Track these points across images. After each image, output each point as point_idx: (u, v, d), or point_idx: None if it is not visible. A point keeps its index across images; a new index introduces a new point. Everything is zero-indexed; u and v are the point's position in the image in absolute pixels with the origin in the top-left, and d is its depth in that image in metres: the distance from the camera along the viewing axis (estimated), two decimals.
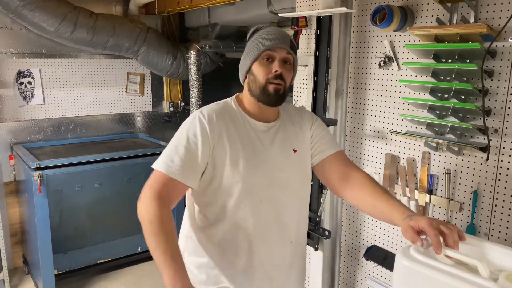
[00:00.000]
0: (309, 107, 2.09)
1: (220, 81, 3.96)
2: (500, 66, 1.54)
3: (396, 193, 1.93)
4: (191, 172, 1.29)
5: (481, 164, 1.62)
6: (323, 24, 1.97)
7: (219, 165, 1.31)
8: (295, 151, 1.42)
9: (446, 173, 1.72)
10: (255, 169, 1.34)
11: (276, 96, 1.33)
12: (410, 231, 1.11)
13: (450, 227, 1.07)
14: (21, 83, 3.49)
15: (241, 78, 1.42)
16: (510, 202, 1.56)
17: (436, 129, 1.72)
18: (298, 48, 1.37)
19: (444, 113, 1.69)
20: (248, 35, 1.41)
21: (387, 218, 1.26)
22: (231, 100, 1.43)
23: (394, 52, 1.87)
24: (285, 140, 1.42)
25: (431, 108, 1.70)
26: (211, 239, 1.38)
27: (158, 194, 1.25)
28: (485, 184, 1.62)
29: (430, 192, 1.79)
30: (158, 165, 1.29)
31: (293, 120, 1.48)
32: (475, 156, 1.64)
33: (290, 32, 3.31)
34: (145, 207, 1.24)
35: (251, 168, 1.33)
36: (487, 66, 1.56)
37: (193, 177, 1.30)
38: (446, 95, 1.67)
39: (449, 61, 1.63)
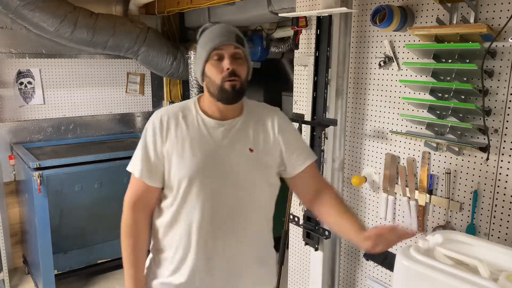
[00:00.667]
0: (309, 107, 2.09)
1: None
2: (500, 66, 1.54)
3: (396, 193, 1.93)
4: (151, 173, 1.38)
5: (481, 164, 1.62)
6: (323, 24, 1.97)
7: (170, 162, 1.37)
8: (251, 150, 1.40)
9: (446, 173, 1.72)
10: (202, 164, 1.35)
11: (233, 92, 1.33)
12: (368, 238, 1.30)
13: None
14: (21, 83, 3.48)
15: (199, 81, 1.43)
16: (510, 202, 1.56)
17: (436, 129, 1.72)
18: (245, 43, 1.40)
19: (444, 113, 1.69)
20: (197, 37, 1.42)
21: (346, 236, 1.46)
22: (191, 100, 1.46)
23: (394, 52, 1.87)
24: (241, 138, 1.41)
25: (431, 108, 1.70)
26: (166, 233, 1.42)
27: (132, 200, 1.40)
28: (485, 184, 1.62)
29: (430, 192, 1.79)
30: (131, 168, 1.41)
31: (260, 120, 1.46)
32: (475, 156, 1.64)
33: (289, 32, 3.32)
34: (123, 213, 1.42)
35: (197, 162, 1.35)
36: (487, 66, 1.56)
37: (154, 178, 1.38)
38: (446, 95, 1.67)
39: (449, 61, 1.63)
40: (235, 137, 1.40)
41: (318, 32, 2.00)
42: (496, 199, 1.59)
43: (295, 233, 2.47)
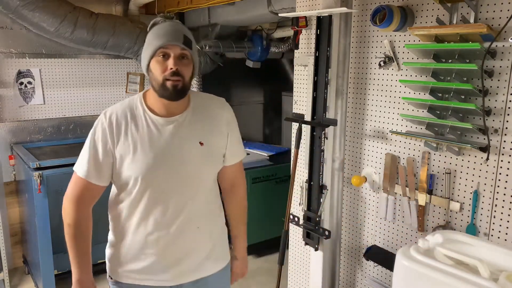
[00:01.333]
0: (309, 107, 2.09)
1: (220, 81, 3.96)
2: (500, 66, 1.54)
3: (396, 193, 1.93)
4: (98, 172, 1.41)
5: (481, 164, 1.62)
6: (323, 24, 1.97)
7: (122, 163, 1.39)
8: (201, 143, 1.45)
9: (446, 173, 1.72)
10: (154, 162, 1.38)
11: (174, 91, 1.36)
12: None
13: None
14: (21, 83, 3.48)
15: (145, 73, 1.45)
16: (510, 202, 1.56)
17: (436, 129, 1.72)
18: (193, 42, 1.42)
19: (444, 113, 1.69)
20: (148, 29, 1.43)
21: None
22: (137, 97, 1.48)
23: (394, 52, 1.87)
24: (190, 133, 1.45)
25: (431, 108, 1.70)
26: (123, 230, 1.48)
27: (76, 198, 1.46)
28: (485, 184, 1.62)
29: (430, 192, 1.79)
30: (75, 166, 1.44)
31: (208, 112, 1.51)
32: (475, 156, 1.64)
33: (289, 32, 3.32)
34: (65, 209, 1.51)
35: (149, 161, 1.38)
36: (487, 66, 1.56)
37: (101, 177, 1.42)
38: (446, 95, 1.67)
39: (449, 61, 1.63)
40: (185, 133, 1.44)
41: (318, 32, 1.99)
42: (496, 199, 1.59)
43: (295, 233, 2.47)
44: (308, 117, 2.13)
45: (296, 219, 2.19)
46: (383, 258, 1.98)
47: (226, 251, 1.65)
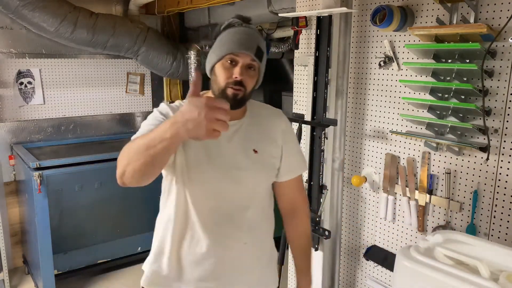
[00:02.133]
0: (309, 107, 2.09)
1: None
2: (500, 66, 1.54)
3: (396, 193, 1.93)
4: None
5: (481, 164, 1.62)
6: (323, 24, 1.97)
7: (177, 158, 1.31)
8: (255, 151, 1.39)
9: (446, 173, 1.72)
10: (208, 165, 1.33)
11: (233, 101, 1.29)
12: None
13: None
14: (21, 83, 3.49)
15: (208, 73, 1.39)
16: (510, 202, 1.56)
17: (436, 129, 1.72)
18: (267, 53, 1.36)
19: (444, 113, 1.69)
20: (221, 28, 1.36)
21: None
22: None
23: (394, 52, 1.87)
24: (245, 139, 1.39)
25: (431, 108, 1.70)
26: (168, 231, 1.38)
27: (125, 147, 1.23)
28: (485, 184, 1.62)
29: (430, 192, 1.79)
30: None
31: (263, 122, 1.45)
32: (475, 156, 1.64)
33: (289, 32, 3.32)
34: (121, 152, 1.22)
35: (204, 163, 1.32)
36: (487, 66, 1.56)
37: None
38: (446, 95, 1.67)
39: (449, 61, 1.63)
40: (240, 139, 1.38)
41: (318, 32, 1.99)
42: (496, 199, 1.59)
43: None
44: (308, 117, 2.13)
45: None
46: (383, 258, 1.98)
47: (275, 280, 1.55)
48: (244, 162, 1.36)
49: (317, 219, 2.07)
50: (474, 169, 1.65)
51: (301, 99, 2.37)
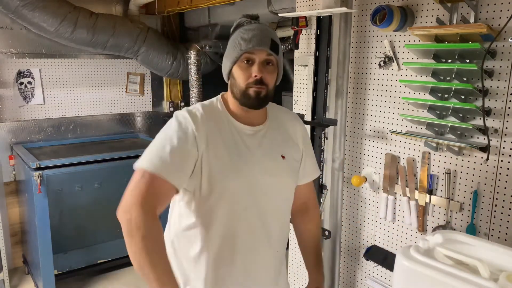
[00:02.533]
0: (309, 107, 2.09)
1: (220, 81, 3.95)
2: (500, 66, 1.54)
3: (396, 193, 1.93)
4: (179, 171, 1.19)
5: (481, 164, 1.62)
6: (323, 24, 1.97)
7: (204, 170, 1.23)
8: (283, 157, 1.37)
9: (446, 173, 1.72)
10: (239, 174, 1.27)
11: (257, 99, 1.26)
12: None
13: None
14: (21, 83, 3.49)
15: (225, 78, 1.36)
16: (510, 202, 1.56)
17: (436, 129, 1.72)
18: (285, 47, 1.35)
19: (444, 113, 1.69)
20: (231, 31, 1.33)
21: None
22: (216, 101, 1.36)
23: (394, 52, 1.87)
24: (273, 145, 1.36)
25: (431, 108, 1.70)
26: (195, 247, 1.30)
27: (142, 199, 1.11)
28: (485, 184, 1.62)
29: (430, 192, 1.79)
30: (142, 163, 1.17)
31: (284, 125, 1.42)
32: (475, 156, 1.64)
33: (289, 32, 3.32)
34: (129, 216, 1.10)
35: (235, 173, 1.26)
36: (487, 66, 1.56)
37: (181, 177, 1.20)
38: (446, 95, 1.67)
39: (449, 61, 1.63)
40: (268, 145, 1.35)
41: (318, 32, 1.99)
42: (496, 199, 1.59)
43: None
44: (308, 117, 2.13)
45: None
46: (383, 258, 1.98)
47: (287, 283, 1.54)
48: (273, 168, 1.34)
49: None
50: (474, 169, 1.65)
51: (301, 99, 2.37)
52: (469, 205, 1.67)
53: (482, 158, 1.61)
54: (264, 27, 1.29)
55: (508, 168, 1.55)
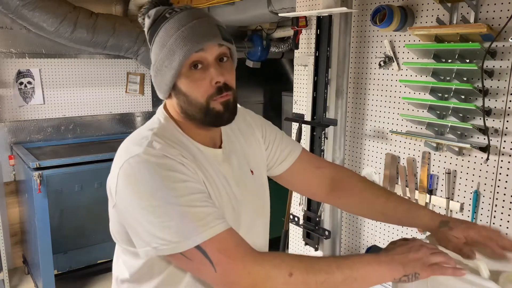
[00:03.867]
0: (309, 107, 2.09)
1: None
2: (500, 66, 1.54)
3: (396, 193, 1.93)
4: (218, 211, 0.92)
5: (481, 164, 1.62)
6: (323, 24, 1.97)
7: None
8: (252, 172, 1.12)
9: (446, 173, 1.72)
10: (237, 220, 1.04)
11: (227, 112, 0.97)
12: (458, 243, 1.03)
13: (496, 235, 1.02)
14: (21, 83, 3.48)
15: (160, 95, 1.02)
16: (510, 202, 1.55)
17: (436, 129, 1.72)
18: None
19: (444, 113, 1.69)
20: (148, 28, 0.97)
21: (406, 224, 1.18)
22: (166, 122, 1.02)
23: (394, 52, 1.87)
24: (240, 162, 1.09)
25: (431, 108, 1.70)
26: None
27: (237, 254, 0.85)
28: (485, 184, 1.62)
29: (430, 192, 1.79)
30: (199, 235, 0.85)
31: (242, 131, 1.15)
32: (475, 156, 1.64)
33: (289, 32, 3.31)
34: (252, 278, 0.83)
35: (233, 222, 0.99)
36: (487, 66, 1.56)
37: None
38: (446, 95, 1.67)
39: (449, 61, 1.63)
40: (238, 165, 1.09)
41: (318, 32, 1.99)
42: (496, 199, 1.59)
43: (295, 233, 2.47)
44: (308, 117, 2.13)
45: (296, 219, 2.19)
46: None
47: None
48: (246, 192, 1.08)
49: (317, 219, 2.07)
50: (474, 169, 1.65)
51: (301, 99, 2.37)
52: (469, 205, 1.67)
53: (482, 158, 1.61)
54: (197, 11, 0.97)
55: (508, 168, 1.55)
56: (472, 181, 1.66)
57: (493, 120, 1.57)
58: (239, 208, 1.04)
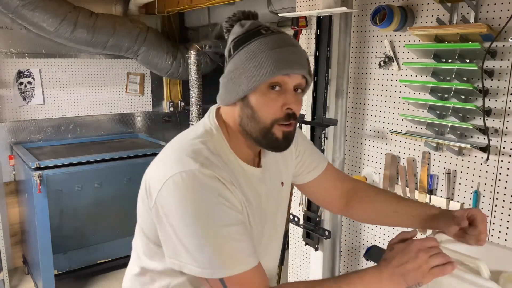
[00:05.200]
0: (309, 107, 2.09)
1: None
2: (500, 66, 1.54)
3: (396, 193, 1.93)
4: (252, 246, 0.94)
5: (481, 164, 1.62)
6: (323, 24, 1.97)
7: None
8: (282, 184, 1.16)
9: (446, 173, 1.72)
10: (261, 231, 1.08)
11: (285, 141, 0.99)
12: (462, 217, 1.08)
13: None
14: (21, 83, 3.49)
15: (224, 101, 1.02)
16: (510, 202, 1.55)
17: (436, 129, 1.72)
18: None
19: (444, 113, 1.69)
20: (240, 38, 1.01)
21: (416, 220, 1.21)
22: (217, 132, 1.02)
23: (394, 52, 1.87)
24: (274, 177, 1.13)
25: (431, 108, 1.70)
26: None
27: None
28: (485, 184, 1.62)
29: (430, 192, 1.79)
30: (229, 269, 0.89)
31: None
32: (475, 156, 1.64)
33: (290, 32, 3.31)
34: None
35: (258, 232, 1.06)
36: (487, 66, 1.56)
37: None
38: (446, 95, 1.67)
39: (449, 61, 1.63)
40: (271, 179, 1.12)
41: (318, 32, 1.99)
42: (496, 199, 1.59)
43: (295, 233, 2.47)
44: (308, 117, 2.13)
45: (296, 219, 2.19)
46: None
47: None
48: (277, 203, 1.14)
49: (317, 219, 2.07)
50: (474, 169, 1.65)
51: None
52: (469, 205, 1.67)
53: (482, 158, 1.61)
54: (292, 39, 1.00)
55: (508, 168, 1.55)
56: (472, 181, 1.66)
57: (493, 120, 1.57)
58: (265, 219, 1.07)
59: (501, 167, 1.57)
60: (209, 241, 0.88)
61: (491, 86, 1.57)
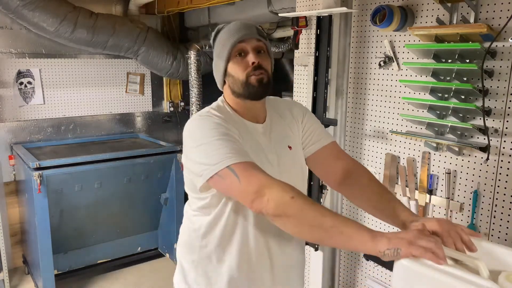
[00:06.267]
0: (309, 107, 2.09)
1: None
2: (500, 66, 1.54)
3: (396, 193, 1.93)
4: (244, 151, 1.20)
5: (481, 164, 1.62)
6: (323, 24, 1.97)
7: None
8: (290, 148, 1.37)
9: (446, 173, 1.72)
10: None
11: (261, 86, 1.26)
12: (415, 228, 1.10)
13: (458, 231, 1.07)
14: (21, 83, 3.48)
15: (219, 85, 1.35)
16: (510, 202, 1.56)
17: (436, 129, 1.72)
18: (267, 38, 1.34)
19: (444, 113, 1.69)
20: (212, 39, 1.36)
21: (389, 221, 1.25)
22: (222, 103, 1.35)
23: (394, 52, 1.87)
24: (280, 138, 1.37)
25: (431, 108, 1.70)
26: (218, 241, 1.31)
27: (260, 177, 1.11)
28: (485, 184, 1.62)
29: (430, 192, 1.79)
30: (220, 163, 1.13)
31: (283, 115, 1.42)
32: (475, 156, 1.64)
33: (289, 32, 3.32)
34: (267, 198, 1.07)
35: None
36: (487, 66, 1.56)
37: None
38: (446, 95, 1.67)
39: (449, 61, 1.63)
40: (277, 139, 1.35)
41: (318, 32, 1.99)
42: (496, 199, 1.59)
43: None
44: None
45: None
46: None
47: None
48: (284, 162, 1.33)
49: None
50: (474, 169, 1.65)
51: (301, 99, 2.37)
52: (469, 205, 1.67)
53: (482, 158, 1.61)
54: (243, 21, 1.33)
55: (508, 168, 1.55)
56: (472, 181, 1.66)
57: (493, 120, 1.57)
58: (268, 165, 1.27)
59: (501, 167, 1.57)
60: (213, 147, 1.16)
61: (491, 86, 1.57)
